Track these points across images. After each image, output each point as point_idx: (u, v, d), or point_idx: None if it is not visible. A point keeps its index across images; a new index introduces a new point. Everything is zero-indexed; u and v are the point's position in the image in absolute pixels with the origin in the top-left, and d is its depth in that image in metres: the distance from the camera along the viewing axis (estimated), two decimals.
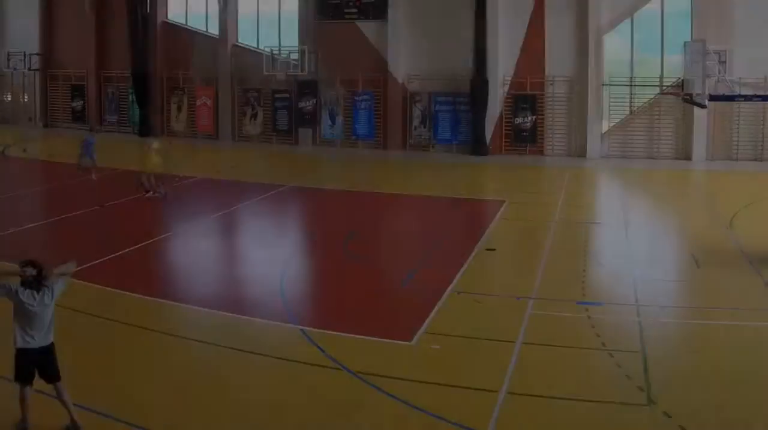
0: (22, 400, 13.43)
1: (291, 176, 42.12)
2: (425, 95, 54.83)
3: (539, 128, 52.83)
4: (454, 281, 23.05)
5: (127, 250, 26.53)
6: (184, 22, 63.56)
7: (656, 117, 51.11)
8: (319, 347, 17.66)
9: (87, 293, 20.84)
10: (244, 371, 16.78)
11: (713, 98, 29.92)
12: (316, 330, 18.80)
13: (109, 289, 21.92)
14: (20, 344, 13.35)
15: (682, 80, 35.58)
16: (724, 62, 41.21)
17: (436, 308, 20.51)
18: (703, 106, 30.62)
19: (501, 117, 53.09)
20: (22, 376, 13.44)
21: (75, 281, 19.87)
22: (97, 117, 65.17)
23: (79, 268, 22.62)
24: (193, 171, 42.93)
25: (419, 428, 14.19)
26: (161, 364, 17.22)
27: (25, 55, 66.47)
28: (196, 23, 62.99)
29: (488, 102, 52.46)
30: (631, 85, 51.67)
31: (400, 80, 55.07)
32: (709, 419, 14.37)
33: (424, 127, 54.94)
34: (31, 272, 13.38)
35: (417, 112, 55.15)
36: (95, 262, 24.17)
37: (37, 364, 13.51)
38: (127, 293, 21.63)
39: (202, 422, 14.29)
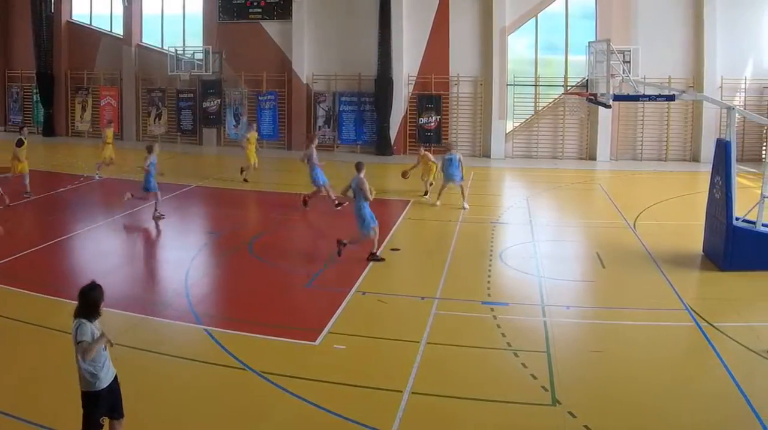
0: None
1: (196, 176, 40.06)
2: (330, 95, 52.19)
3: (444, 128, 50.39)
4: (359, 282, 22.35)
5: (31, 250, 25.46)
6: (88, 22, 59.68)
7: (560, 117, 49.09)
8: (223, 347, 17.15)
9: None
10: (148, 372, 15.86)
11: (617, 98, 28.36)
12: (221, 330, 18.22)
13: (9, 288, 21.10)
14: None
15: (587, 80, 34.39)
16: (629, 62, 39.89)
17: (340, 309, 19.93)
18: (607, 106, 28.99)
19: (405, 117, 50.67)
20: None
21: None
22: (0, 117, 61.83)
23: None
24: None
25: (324, 428, 13.73)
26: (61, 363, 15.49)
27: None
28: (101, 23, 59.19)
29: (393, 102, 50.06)
30: (535, 86, 49.66)
31: (304, 80, 52.28)
32: (614, 419, 14.08)
33: (329, 127, 52.29)
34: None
35: (321, 112, 52.48)
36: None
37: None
38: (30, 292, 20.73)
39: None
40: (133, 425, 13.08)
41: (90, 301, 11.50)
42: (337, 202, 32.15)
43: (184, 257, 25.29)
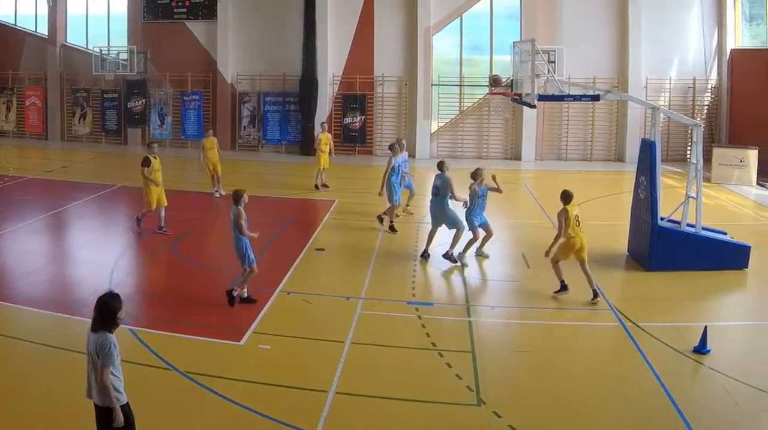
0: None
1: (121, 176, 38.28)
2: (254, 95, 50.15)
3: (368, 128, 48.75)
4: (284, 282, 21.92)
5: None
6: (12, 22, 56.69)
7: (485, 117, 47.70)
8: (148, 347, 16.81)
9: None
10: (74, 371, 14.40)
11: (542, 98, 27.21)
12: (145, 330, 17.79)
13: None
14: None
15: (512, 80, 33.47)
16: (554, 62, 38.67)
17: (265, 309, 19.66)
18: (532, 106, 28.06)
19: (331, 117, 48.42)
20: None
21: None
22: None
23: None
24: (22, 171, 39.76)
25: (249, 428, 13.53)
26: None
27: None
28: (25, 23, 56.30)
29: (318, 102, 48.17)
30: (460, 85, 48.15)
31: (229, 80, 50.13)
32: (539, 418, 13.98)
33: (253, 127, 50.34)
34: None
35: (246, 112, 50.36)
36: None
37: None
38: None
39: (28, 424, 13.42)
40: (59, 425, 13.21)
41: (111, 311, 11.19)
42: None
43: (109, 257, 24.58)
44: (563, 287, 20.91)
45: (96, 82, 53.78)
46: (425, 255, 24.37)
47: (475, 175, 24.43)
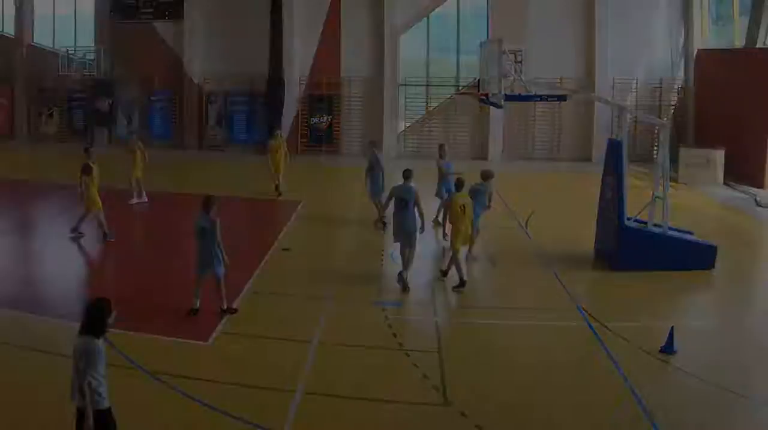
0: None
1: None
2: (221, 95, 49.74)
3: (335, 128, 48.40)
4: (250, 282, 21.73)
5: None
6: None
7: (452, 117, 47.61)
8: (113, 346, 15.38)
9: None
10: (41, 371, 15.07)
11: (509, 98, 27.00)
12: (112, 330, 15.01)
13: None
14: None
15: (478, 80, 33.28)
16: (520, 62, 38.60)
17: None
18: (499, 106, 27.92)
19: (297, 117, 48.44)
20: None
21: None
22: None
23: None
24: None
25: (216, 428, 13.30)
26: None
27: None
28: None
29: (284, 102, 47.79)
30: (427, 86, 48.03)
31: (196, 80, 49.50)
32: (505, 418, 13.87)
33: (220, 127, 49.88)
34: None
35: (213, 112, 49.83)
36: None
37: None
38: None
39: None
40: (15, 427, 12.96)
41: (99, 316, 10.90)
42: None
43: (72, 255, 24.90)
44: (462, 284, 21.15)
45: (63, 82, 53.00)
46: (407, 289, 21.19)
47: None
